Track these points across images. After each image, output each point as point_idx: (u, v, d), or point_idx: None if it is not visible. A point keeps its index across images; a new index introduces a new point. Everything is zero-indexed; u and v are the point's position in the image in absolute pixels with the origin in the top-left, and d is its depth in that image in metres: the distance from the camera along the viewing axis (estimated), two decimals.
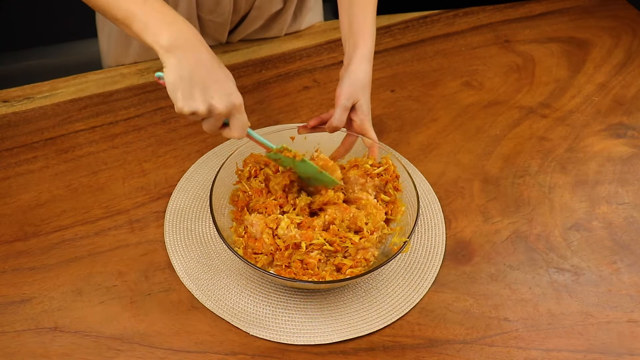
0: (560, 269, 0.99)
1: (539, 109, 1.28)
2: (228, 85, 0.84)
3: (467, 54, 1.41)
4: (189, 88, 0.81)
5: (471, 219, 1.05)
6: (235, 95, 0.85)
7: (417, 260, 0.99)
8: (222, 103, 0.83)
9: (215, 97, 0.82)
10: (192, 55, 0.81)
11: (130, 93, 1.24)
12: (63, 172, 1.08)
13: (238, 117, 0.86)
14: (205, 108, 0.82)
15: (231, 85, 0.85)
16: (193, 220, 1.02)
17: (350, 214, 0.91)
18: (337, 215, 0.92)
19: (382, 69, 1.34)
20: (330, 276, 0.88)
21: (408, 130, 1.21)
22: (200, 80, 0.81)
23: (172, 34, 0.81)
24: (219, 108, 0.83)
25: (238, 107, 0.85)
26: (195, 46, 0.82)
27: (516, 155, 1.18)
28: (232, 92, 0.84)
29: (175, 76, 0.81)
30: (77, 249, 0.97)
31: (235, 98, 0.84)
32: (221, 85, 0.83)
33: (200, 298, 0.91)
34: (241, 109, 0.86)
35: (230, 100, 0.84)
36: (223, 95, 0.83)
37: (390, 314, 0.91)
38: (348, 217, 0.91)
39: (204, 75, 0.82)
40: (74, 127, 1.16)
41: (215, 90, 0.82)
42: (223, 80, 0.84)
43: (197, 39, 0.83)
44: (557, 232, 1.04)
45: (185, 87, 0.81)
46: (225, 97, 0.83)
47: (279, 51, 1.36)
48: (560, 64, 1.40)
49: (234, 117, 0.86)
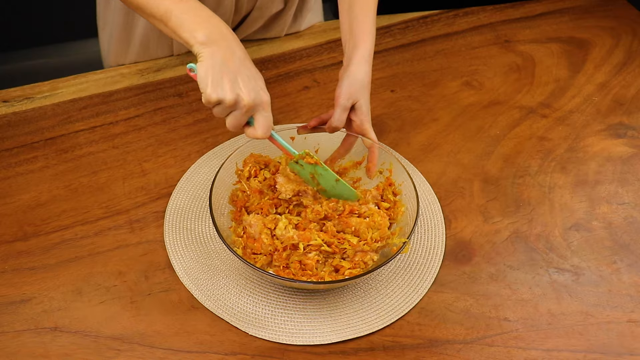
0: (560, 269, 0.99)
1: (539, 109, 1.28)
2: (257, 81, 0.86)
3: (467, 54, 1.40)
4: (220, 76, 0.83)
5: (471, 219, 1.05)
6: (264, 92, 0.86)
7: (417, 261, 0.98)
8: (249, 95, 0.84)
9: (244, 88, 0.84)
10: (226, 49, 0.84)
11: (130, 93, 1.23)
12: (63, 172, 1.08)
13: (264, 114, 0.86)
14: (233, 97, 0.83)
15: (260, 82, 0.86)
16: (193, 220, 1.02)
17: (352, 227, 0.91)
18: (339, 227, 0.92)
19: (382, 69, 1.34)
20: (329, 277, 0.88)
21: (408, 131, 1.20)
22: (231, 70, 0.83)
23: (208, 29, 0.84)
24: (245, 99, 0.83)
25: (265, 103, 0.86)
26: (230, 41, 0.85)
27: (516, 155, 1.17)
28: (261, 88, 0.86)
29: (207, 65, 0.83)
30: (77, 249, 0.97)
31: (263, 94, 0.86)
32: (250, 79, 0.85)
33: (200, 298, 0.91)
34: (268, 107, 0.86)
35: (259, 95, 0.85)
36: (251, 88, 0.84)
37: (390, 314, 0.91)
38: (350, 230, 0.91)
39: (235, 67, 0.84)
40: (74, 127, 1.16)
41: (244, 82, 0.84)
42: (253, 75, 0.86)
43: (232, 36, 0.86)
44: (557, 232, 1.04)
45: (216, 75, 0.83)
46: (253, 91, 0.84)
47: (279, 51, 1.36)
48: (560, 63, 1.39)
49: (260, 113, 0.86)
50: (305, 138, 1.04)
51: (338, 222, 0.92)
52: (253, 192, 0.96)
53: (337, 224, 0.92)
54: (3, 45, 2.28)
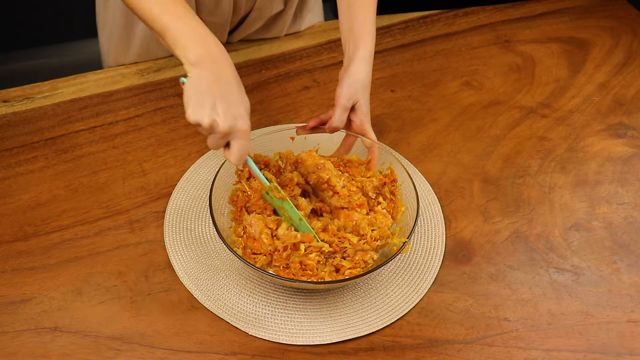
0: (560, 269, 0.99)
1: (539, 109, 1.28)
2: (238, 108, 0.85)
3: (467, 54, 1.41)
4: (201, 100, 0.83)
5: (471, 219, 1.05)
6: (243, 121, 0.85)
7: (417, 261, 0.99)
8: (225, 122, 0.83)
9: (221, 115, 0.83)
10: (213, 73, 0.84)
11: (130, 93, 1.23)
12: (63, 172, 1.08)
13: (239, 142, 0.86)
14: (209, 122, 0.83)
15: (242, 109, 0.85)
16: (193, 220, 1.02)
17: (352, 222, 0.91)
18: (339, 223, 0.92)
19: (382, 69, 1.34)
20: (329, 277, 0.88)
21: (408, 131, 1.21)
22: (213, 95, 0.83)
23: (200, 50, 0.84)
24: (221, 126, 0.83)
25: (241, 132, 0.85)
26: (219, 65, 0.86)
27: (516, 155, 1.18)
28: (240, 116, 0.85)
29: (192, 86, 0.84)
30: (77, 249, 0.97)
31: (241, 123, 0.85)
32: (230, 106, 0.84)
33: (200, 298, 0.92)
34: (244, 136, 0.85)
35: (235, 123, 0.84)
36: (230, 115, 0.83)
37: (390, 314, 0.91)
38: (350, 225, 0.92)
39: (217, 92, 0.83)
40: (74, 127, 1.16)
41: (222, 109, 0.83)
42: (235, 102, 0.85)
43: (224, 59, 0.86)
44: (557, 232, 1.04)
45: (198, 98, 0.83)
46: (230, 118, 0.83)
47: (279, 51, 1.36)
48: (560, 63, 1.39)
49: (235, 141, 0.86)
50: (305, 138, 1.04)
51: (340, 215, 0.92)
52: (253, 192, 0.96)
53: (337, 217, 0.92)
54: (3, 45, 2.28)
